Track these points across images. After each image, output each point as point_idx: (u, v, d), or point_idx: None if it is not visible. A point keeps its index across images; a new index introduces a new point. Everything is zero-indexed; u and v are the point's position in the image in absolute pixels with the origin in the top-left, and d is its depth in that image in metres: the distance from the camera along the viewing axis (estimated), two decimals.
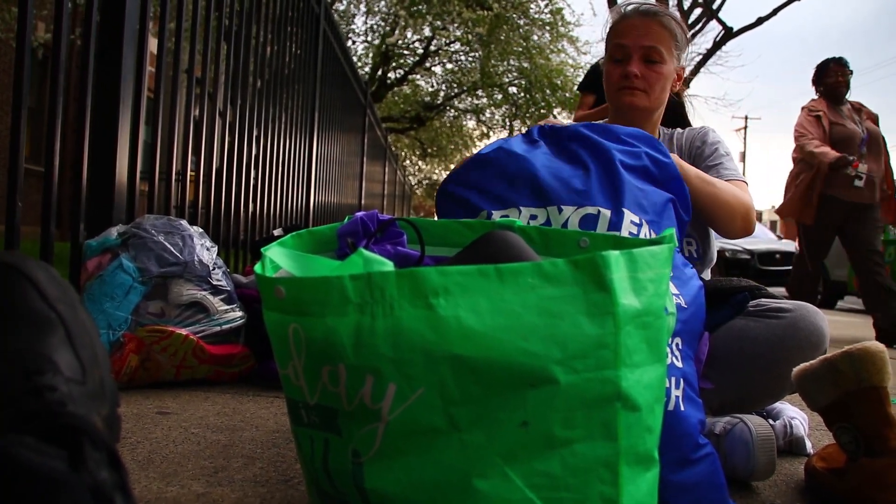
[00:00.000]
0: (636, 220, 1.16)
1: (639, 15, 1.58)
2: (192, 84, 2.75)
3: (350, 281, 0.65)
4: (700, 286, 1.17)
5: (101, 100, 2.12)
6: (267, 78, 3.68)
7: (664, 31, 1.56)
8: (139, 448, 1.28)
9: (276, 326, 0.72)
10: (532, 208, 1.18)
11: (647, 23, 1.56)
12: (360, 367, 0.65)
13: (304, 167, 4.61)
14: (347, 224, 1.06)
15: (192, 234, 1.96)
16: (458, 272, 0.65)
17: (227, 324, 1.92)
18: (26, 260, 0.77)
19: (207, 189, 2.98)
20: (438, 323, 0.64)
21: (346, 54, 6.23)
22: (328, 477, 0.73)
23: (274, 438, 1.39)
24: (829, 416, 1.17)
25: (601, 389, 0.68)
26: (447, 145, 20.42)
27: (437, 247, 1.10)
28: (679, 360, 1.07)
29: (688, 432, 1.03)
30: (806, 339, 1.31)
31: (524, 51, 14.08)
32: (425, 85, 17.25)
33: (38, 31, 8.45)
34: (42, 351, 0.69)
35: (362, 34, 14.86)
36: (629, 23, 1.58)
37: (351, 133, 6.99)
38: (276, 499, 1.06)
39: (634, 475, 0.72)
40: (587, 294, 0.68)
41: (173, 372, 1.83)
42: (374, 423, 0.66)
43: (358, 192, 7.82)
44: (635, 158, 1.26)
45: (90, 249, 1.87)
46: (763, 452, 1.19)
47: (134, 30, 2.20)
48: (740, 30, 13.12)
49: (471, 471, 0.65)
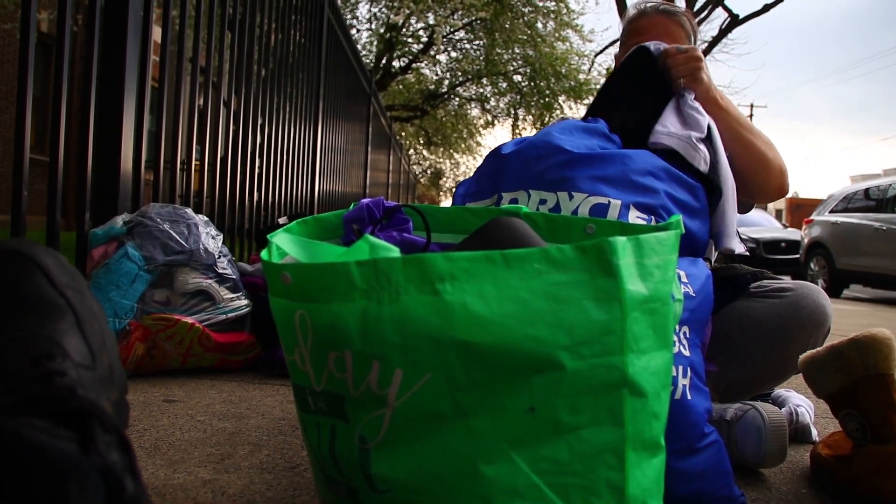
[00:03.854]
0: (644, 217, 1.15)
1: (659, 13, 1.63)
2: (196, 73, 2.75)
3: (356, 267, 0.65)
4: (708, 275, 1.17)
5: (105, 89, 2.12)
6: (271, 66, 3.67)
7: (681, 31, 1.63)
8: (146, 435, 1.28)
9: (282, 313, 0.72)
10: (542, 192, 1.18)
11: (667, 21, 1.62)
12: (367, 353, 0.65)
13: (308, 156, 4.60)
14: (353, 211, 1.06)
15: (198, 222, 1.96)
16: (465, 258, 0.64)
17: (232, 312, 1.92)
18: (35, 246, 0.77)
19: (212, 178, 2.98)
20: (445, 309, 0.64)
21: (351, 43, 6.21)
22: (335, 463, 0.73)
23: (280, 426, 1.40)
24: (836, 403, 1.17)
25: (607, 375, 0.68)
26: (451, 134, 20.39)
27: (443, 233, 1.10)
28: (686, 348, 1.07)
29: (694, 421, 1.03)
30: (808, 317, 1.31)
31: (529, 39, 14.03)
32: (430, 73, 17.21)
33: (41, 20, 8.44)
34: (51, 336, 0.69)
35: (366, 22, 14.82)
36: (650, 20, 1.63)
37: (355, 122, 6.98)
38: (283, 485, 1.06)
39: (641, 461, 0.72)
40: (594, 280, 0.67)
41: (179, 360, 1.83)
42: (381, 409, 0.66)
43: (362, 181, 7.82)
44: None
45: (96, 238, 1.88)
46: (775, 439, 1.19)
47: (138, 18, 2.19)
48: (746, 17, 13.05)
49: (477, 456, 0.65)
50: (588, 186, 1.15)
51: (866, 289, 9.88)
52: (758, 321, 1.33)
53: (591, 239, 0.91)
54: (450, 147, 22.42)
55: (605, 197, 1.14)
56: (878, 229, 8.29)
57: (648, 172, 1.19)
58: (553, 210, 1.14)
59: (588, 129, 1.28)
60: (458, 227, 1.10)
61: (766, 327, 1.32)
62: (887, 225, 8.17)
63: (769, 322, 1.32)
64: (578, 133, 1.27)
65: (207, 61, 2.84)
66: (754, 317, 1.34)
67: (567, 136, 1.24)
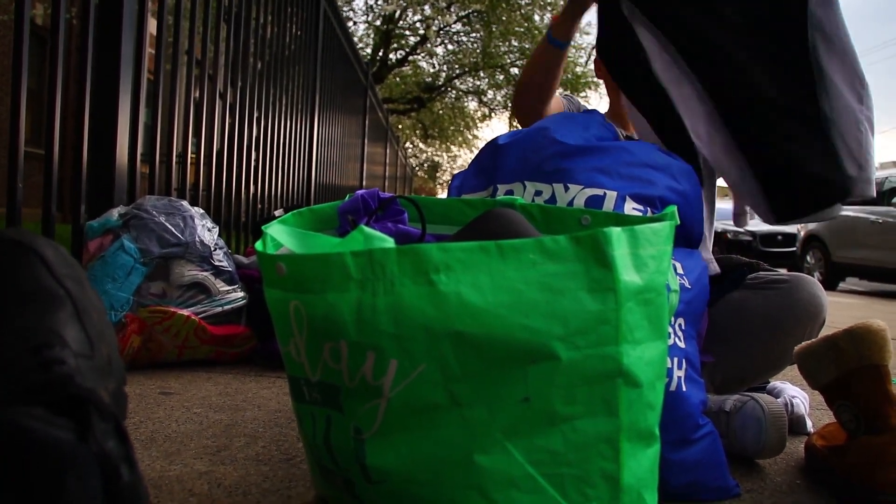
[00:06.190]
0: (639, 207, 1.15)
1: None
2: (191, 65, 2.74)
3: (351, 258, 0.65)
4: (704, 267, 1.17)
5: (100, 81, 2.11)
6: (267, 59, 3.66)
7: None
8: (142, 427, 1.28)
9: (277, 303, 0.72)
10: (538, 183, 1.18)
11: None
12: (362, 343, 0.65)
13: (304, 149, 4.60)
14: (348, 202, 1.06)
15: (194, 214, 1.96)
16: (460, 248, 0.65)
17: (228, 304, 1.92)
18: (36, 237, 0.77)
19: (208, 171, 2.97)
20: (439, 299, 0.64)
21: (347, 35, 6.19)
22: (330, 454, 0.73)
23: (276, 418, 1.40)
24: (830, 394, 1.17)
25: (602, 366, 0.68)
26: (448, 127, 20.36)
27: (439, 225, 1.10)
28: (682, 340, 1.07)
29: (689, 412, 1.03)
30: (804, 308, 1.31)
31: (526, 31, 14.00)
32: (426, 66, 17.18)
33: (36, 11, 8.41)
34: (51, 326, 0.70)
35: (363, 14, 14.78)
36: None
37: (352, 114, 6.97)
38: (279, 477, 1.07)
39: (635, 451, 0.72)
40: (589, 270, 0.67)
41: (175, 352, 1.83)
42: (376, 400, 0.66)
43: (359, 174, 7.81)
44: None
45: (91, 230, 1.87)
46: (775, 429, 1.19)
47: (133, 10, 2.18)
48: None
49: (472, 447, 0.66)
50: (584, 178, 1.15)
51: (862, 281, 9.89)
52: (753, 313, 1.33)
53: (586, 230, 0.91)
54: (447, 140, 22.40)
55: (601, 188, 1.14)
56: (874, 222, 8.31)
57: (646, 164, 1.19)
58: (549, 201, 1.14)
59: (585, 121, 1.28)
60: (454, 218, 1.10)
61: (762, 319, 1.32)
62: (883, 218, 8.19)
63: (765, 313, 1.33)
64: (574, 124, 1.26)
65: (203, 54, 2.83)
66: (750, 308, 1.34)
67: (563, 127, 1.24)
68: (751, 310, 1.33)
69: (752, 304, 1.34)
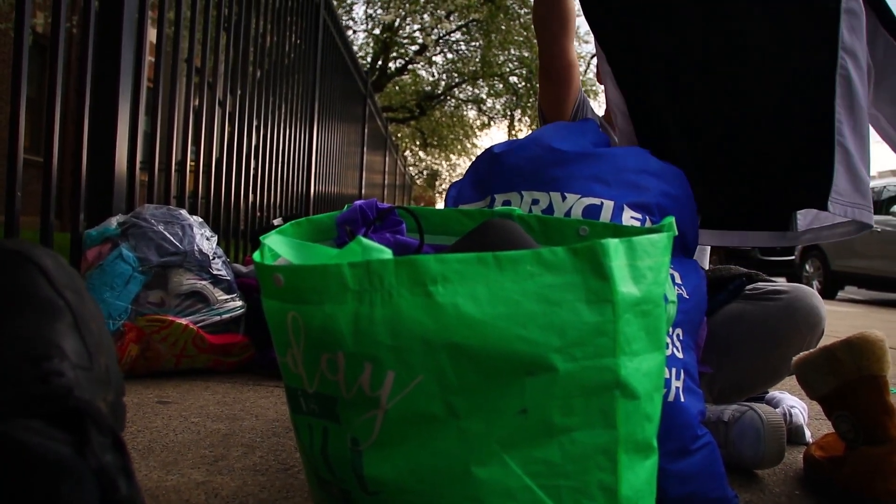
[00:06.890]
0: (637, 216, 1.15)
1: None
2: (191, 74, 2.75)
3: (348, 269, 0.65)
4: (702, 277, 1.17)
5: (100, 90, 2.12)
6: (267, 68, 3.67)
7: None
8: (139, 437, 1.28)
9: (274, 314, 0.72)
10: (535, 192, 1.18)
11: None
12: (359, 354, 0.65)
13: (304, 157, 4.60)
14: (346, 212, 1.06)
15: (192, 223, 1.96)
16: (457, 260, 0.65)
17: (227, 313, 1.92)
18: (35, 247, 0.77)
19: (207, 179, 2.98)
20: (437, 311, 0.64)
21: (347, 44, 6.21)
22: (327, 465, 0.73)
23: (273, 427, 1.40)
24: (829, 404, 1.17)
25: (600, 377, 0.68)
26: (448, 135, 20.39)
27: (437, 235, 1.10)
28: (680, 350, 1.07)
29: (687, 423, 1.03)
30: (803, 319, 1.31)
31: (525, 40, 14.05)
32: (426, 74, 17.22)
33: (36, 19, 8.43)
34: (50, 337, 0.69)
35: (362, 23, 14.82)
36: None
37: (351, 123, 6.98)
38: (276, 487, 1.06)
39: (633, 463, 0.72)
40: (586, 282, 0.67)
41: (173, 361, 1.83)
42: (373, 411, 0.66)
43: (358, 183, 7.82)
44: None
45: (90, 239, 1.87)
46: (774, 439, 1.19)
47: (133, 19, 2.19)
48: None
49: (469, 458, 0.65)
50: (581, 186, 1.15)
51: (861, 290, 9.90)
52: (752, 323, 1.33)
53: (584, 241, 0.91)
54: (446, 149, 22.42)
55: (599, 198, 1.14)
56: (872, 231, 8.32)
57: (641, 170, 1.19)
58: (546, 210, 1.14)
59: (579, 128, 1.29)
60: (452, 228, 1.10)
61: (761, 330, 1.32)
62: (882, 227, 8.20)
63: (763, 324, 1.33)
64: (569, 132, 1.27)
65: (203, 62, 2.84)
66: (749, 319, 1.34)
67: (559, 135, 1.24)
68: (749, 321, 1.33)
69: (751, 315, 1.34)
